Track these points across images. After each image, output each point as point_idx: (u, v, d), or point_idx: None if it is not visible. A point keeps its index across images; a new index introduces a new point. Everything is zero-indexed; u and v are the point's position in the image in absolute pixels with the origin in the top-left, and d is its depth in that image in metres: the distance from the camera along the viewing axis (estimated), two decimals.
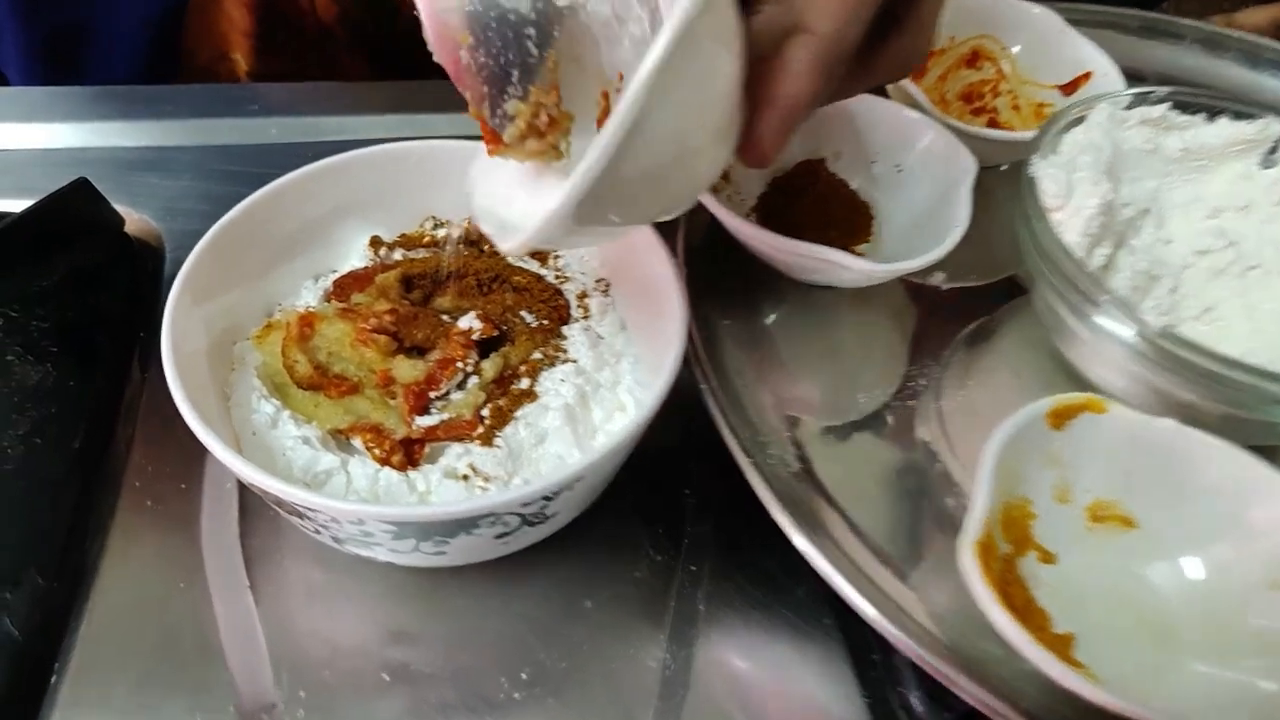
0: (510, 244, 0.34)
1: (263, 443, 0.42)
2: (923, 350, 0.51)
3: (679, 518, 0.49)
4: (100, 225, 0.57)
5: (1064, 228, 0.43)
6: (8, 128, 0.66)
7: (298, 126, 0.66)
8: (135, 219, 0.60)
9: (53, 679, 0.41)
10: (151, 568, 0.44)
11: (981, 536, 0.36)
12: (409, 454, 0.43)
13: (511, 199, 0.37)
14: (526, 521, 0.38)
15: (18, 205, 0.55)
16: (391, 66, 0.77)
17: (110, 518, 0.46)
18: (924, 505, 0.45)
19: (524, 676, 0.43)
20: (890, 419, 0.48)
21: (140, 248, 0.59)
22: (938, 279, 0.54)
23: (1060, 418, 0.41)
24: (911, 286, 0.55)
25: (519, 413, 0.43)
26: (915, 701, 0.43)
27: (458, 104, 0.38)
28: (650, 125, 0.27)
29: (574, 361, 0.46)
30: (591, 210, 0.30)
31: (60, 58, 0.69)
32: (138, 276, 0.57)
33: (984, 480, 0.38)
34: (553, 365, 0.45)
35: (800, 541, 0.40)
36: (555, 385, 0.44)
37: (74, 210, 0.55)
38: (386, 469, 0.41)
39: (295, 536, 0.45)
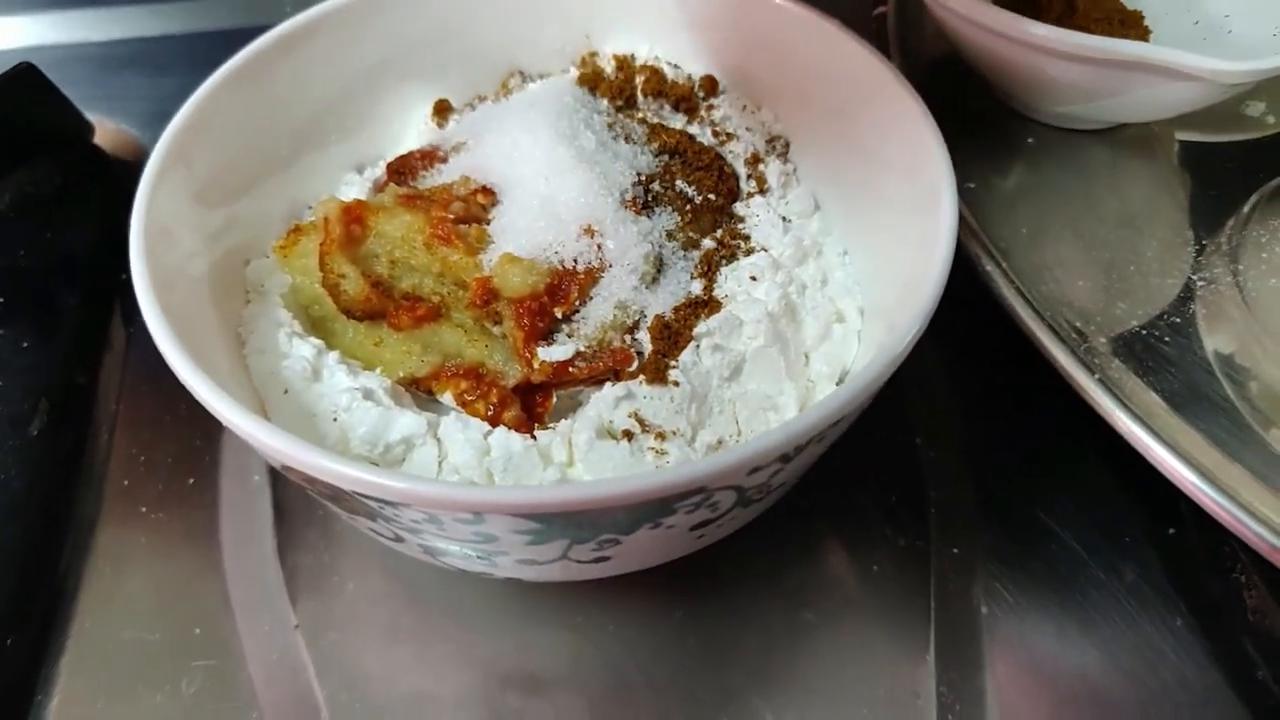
0: None
1: (300, 404, 0.28)
2: (1215, 221, 0.36)
3: (916, 478, 0.35)
4: (60, 133, 0.44)
5: None
6: None
7: None
8: (109, 129, 0.47)
9: None
10: (151, 608, 0.32)
11: None
12: (529, 408, 0.28)
13: None
14: (743, 499, 0.25)
15: None
16: None
17: (89, 534, 0.34)
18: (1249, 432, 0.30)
19: None
20: (1191, 316, 0.34)
21: (116, 165, 0.45)
22: (1257, 111, 0.38)
23: None
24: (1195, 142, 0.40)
25: (699, 329, 0.27)
26: None
27: None
28: None
29: (764, 250, 0.30)
30: None
31: None
32: (114, 202, 0.42)
33: None
34: (734, 259, 0.30)
35: (1157, 450, 0.25)
36: (745, 287, 0.29)
37: (20, 109, 0.42)
38: (500, 430, 0.26)
39: (359, 546, 0.34)
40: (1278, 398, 0.32)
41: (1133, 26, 0.39)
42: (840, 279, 0.32)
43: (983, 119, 0.39)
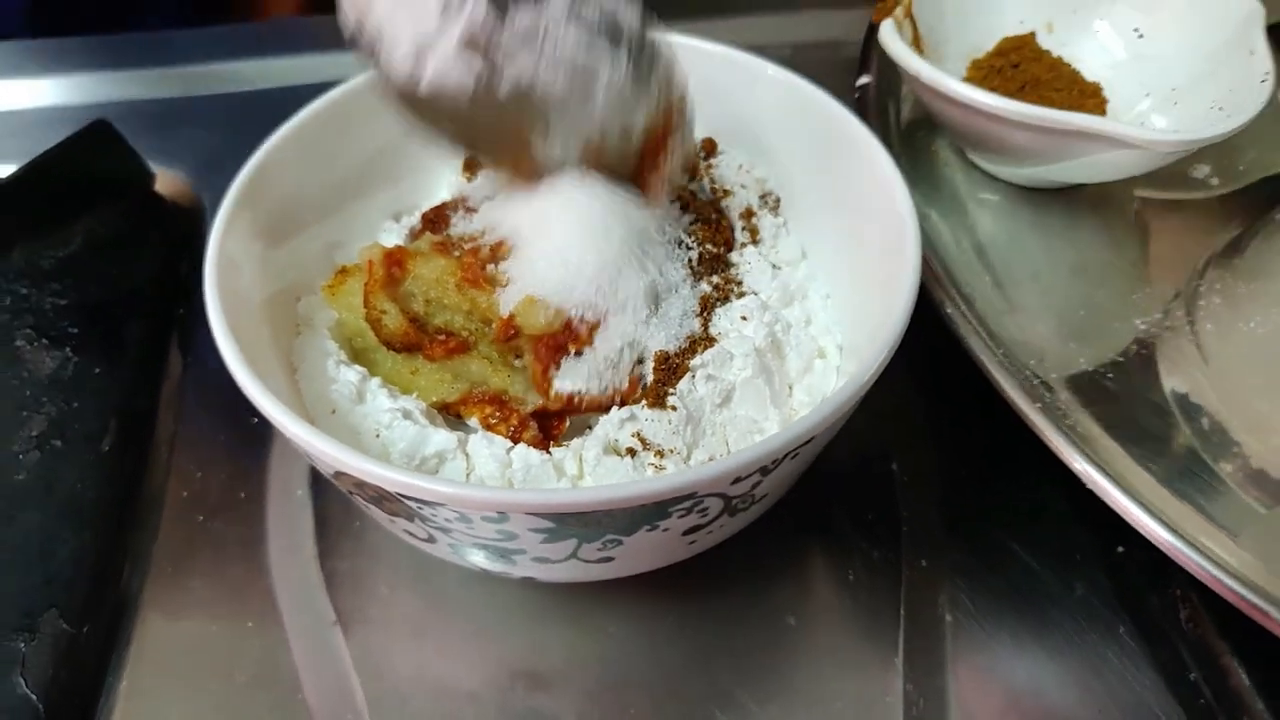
0: None
1: (346, 422, 0.31)
2: (1197, 270, 0.40)
3: (890, 499, 0.38)
4: (126, 181, 0.48)
5: None
6: (13, 84, 0.56)
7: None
8: (168, 177, 0.50)
9: None
10: (208, 602, 0.35)
11: None
12: (545, 430, 0.31)
13: None
14: (729, 507, 0.28)
15: None
16: None
17: (152, 540, 0.37)
18: (1235, 463, 0.34)
19: None
20: (1176, 359, 0.37)
21: (174, 210, 0.49)
22: (1202, 174, 0.42)
23: None
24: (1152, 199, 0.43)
25: (694, 362, 0.31)
26: None
27: None
28: None
29: (754, 294, 0.34)
30: None
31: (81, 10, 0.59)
32: (172, 243, 0.46)
33: None
34: (727, 300, 0.34)
35: (1127, 506, 0.28)
36: (736, 325, 0.32)
37: (94, 159, 0.45)
38: (521, 446, 0.30)
39: (390, 555, 0.37)
40: (1225, 432, 0.36)
41: (1091, 96, 0.43)
42: (822, 319, 0.36)
43: (954, 179, 0.42)
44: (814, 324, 0.35)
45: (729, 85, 0.39)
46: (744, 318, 0.33)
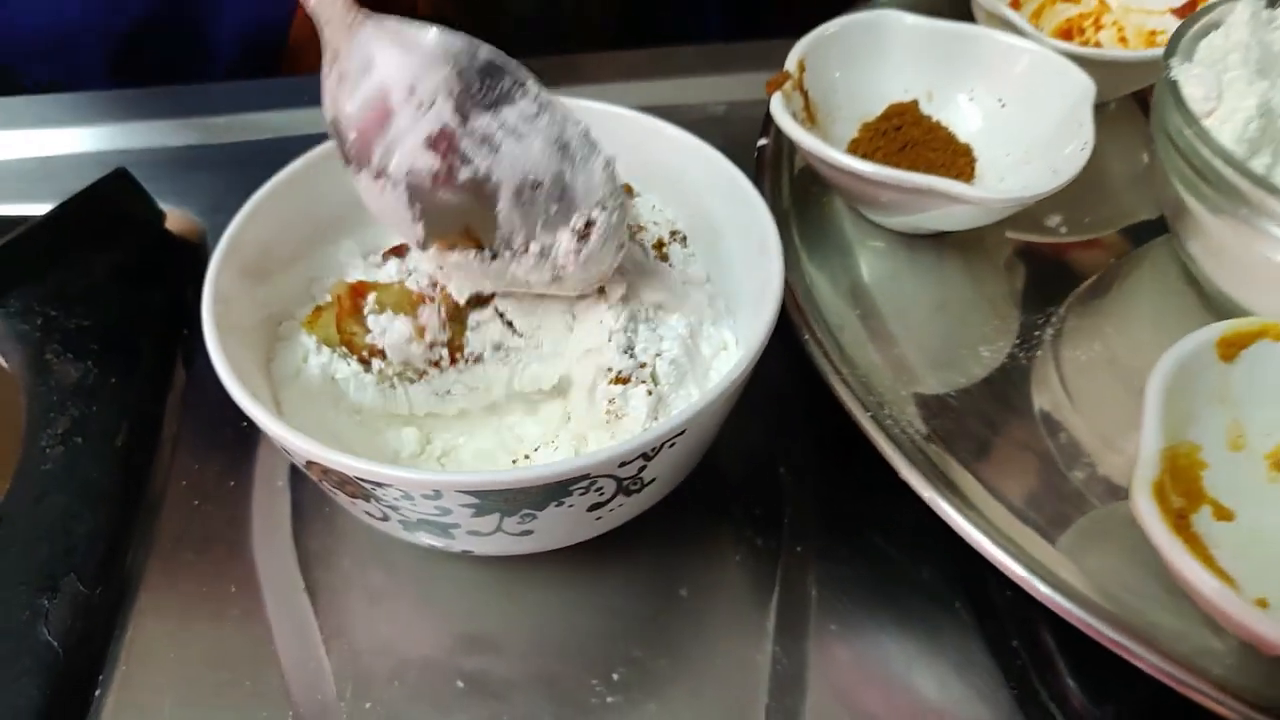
0: None
1: (315, 407, 0.39)
2: (1040, 307, 0.46)
3: (776, 496, 0.45)
4: (141, 220, 0.55)
5: (1216, 135, 0.37)
6: (44, 133, 0.64)
7: None
8: (177, 215, 0.57)
9: (96, 692, 0.37)
10: (200, 571, 0.41)
11: (1156, 477, 0.30)
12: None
13: None
14: (623, 488, 0.34)
15: None
16: None
17: (156, 519, 0.43)
18: (1057, 475, 0.39)
19: (616, 678, 0.38)
20: (1011, 383, 0.43)
21: (182, 245, 0.56)
22: (1054, 223, 0.49)
23: (1232, 347, 0.35)
24: (1021, 241, 0.50)
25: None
26: (1070, 690, 0.37)
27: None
28: None
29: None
30: None
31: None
32: (179, 273, 0.53)
33: (1151, 416, 0.32)
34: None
35: (937, 501, 0.35)
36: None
37: (113, 202, 0.53)
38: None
39: (354, 536, 0.43)
40: (1079, 445, 0.42)
41: (963, 155, 0.49)
42: (726, 323, 0.42)
43: (845, 228, 0.48)
44: (718, 324, 0.42)
45: (640, 141, 0.45)
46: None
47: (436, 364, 0.39)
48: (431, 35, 0.33)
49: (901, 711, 0.38)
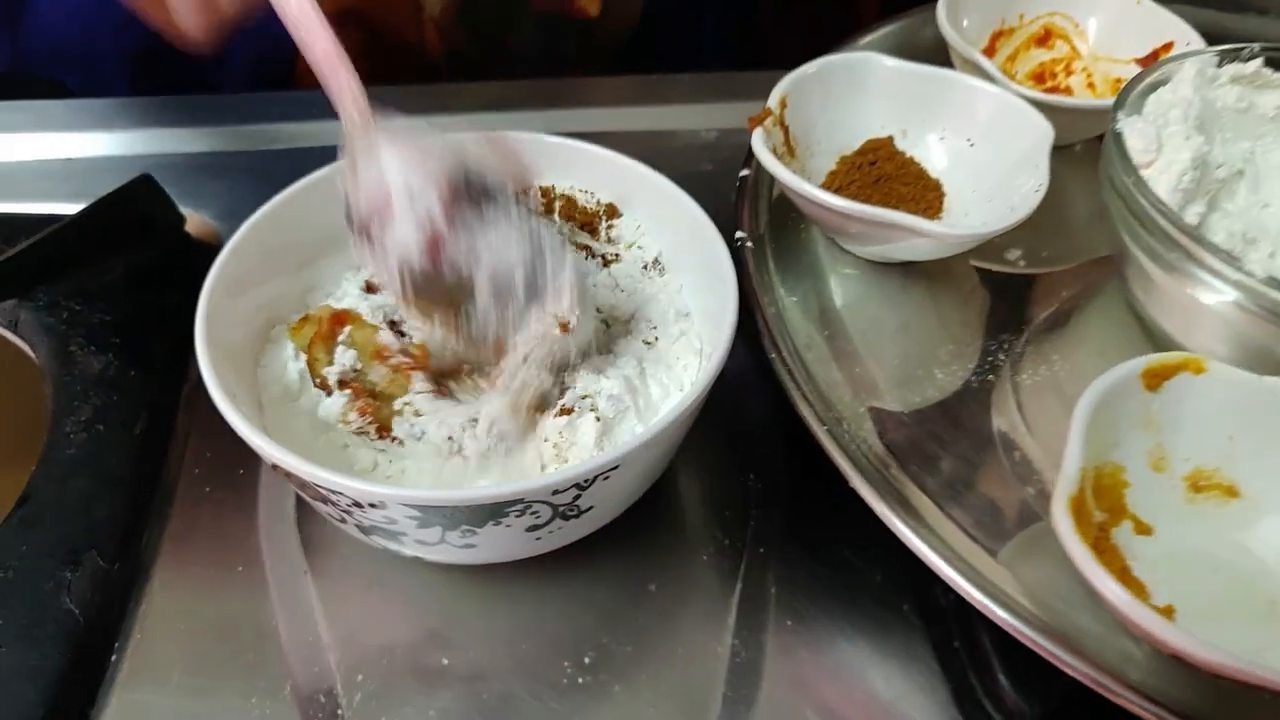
0: None
1: (298, 403, 0.42)
2: (996, 333, 0.49)
3: (744, 502, 0.48)
4: (161, 223, 0.57)
5: (1154, 184, 0.41)
6: (72, 136, 0.67)
7: None
8: (195, 219, 0.60)
9: (112, 658, 0.41)
10: (210, 551, 0.44)
11: (1075, 492, 0.34)
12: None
13: None
14: (559, 514, 0.36)
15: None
16: None
17: (170, 503, 0.46)
18: (1004, 491, 0.42)
19: (587, 661, 0.41)
20: (965, 403, 0.46)
21: (199, 247, 0.59)
22: (1014, 256, 0.52)
23: (1156, 378, 0.38)
24: (985, 271, 0.53)
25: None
26: (1004, 688, 0.40)
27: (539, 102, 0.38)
28: None
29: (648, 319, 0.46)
30: None
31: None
32: (197, 274, 0.56)
33: (1075, 437, 0.35)
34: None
35: (885, 512, 0.38)
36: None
37: (137, 205, 0.56)
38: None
39: None
40: (1031, 463, 0.45)
41: (933, 190, 0.52)
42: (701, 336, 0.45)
43: (821, 255, 0.51)
44: (689, 337, 0.45)
45: (620, 178, 0.49)
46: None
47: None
48: (435, 152, 0.38)
49: (850, 702, 0.41)
